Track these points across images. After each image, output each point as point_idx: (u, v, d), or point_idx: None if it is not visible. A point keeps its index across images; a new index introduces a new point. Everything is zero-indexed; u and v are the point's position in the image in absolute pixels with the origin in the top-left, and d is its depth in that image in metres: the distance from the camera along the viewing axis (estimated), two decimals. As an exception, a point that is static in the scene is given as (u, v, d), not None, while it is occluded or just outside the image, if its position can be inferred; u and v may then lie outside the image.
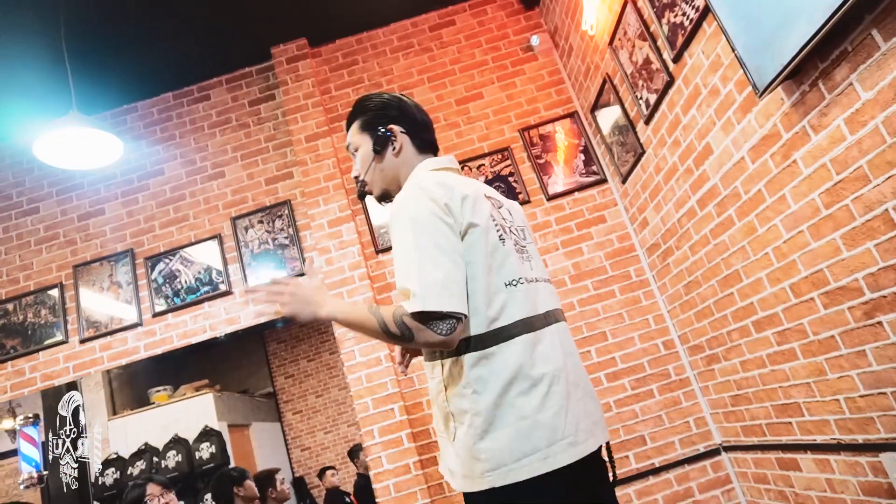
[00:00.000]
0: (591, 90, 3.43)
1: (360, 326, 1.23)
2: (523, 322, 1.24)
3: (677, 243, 2.93)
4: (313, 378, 7.91)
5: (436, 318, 1.15)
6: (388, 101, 1.48)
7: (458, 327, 1.16)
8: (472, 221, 1.25)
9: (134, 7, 3.17)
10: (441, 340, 1.16)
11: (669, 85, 2.58)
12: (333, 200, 3.46)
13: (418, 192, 1.26)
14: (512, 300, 1.24)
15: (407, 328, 1.16)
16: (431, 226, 1.20)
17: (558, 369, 1.24)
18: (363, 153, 1.46)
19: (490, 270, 1.24)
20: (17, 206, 3.75)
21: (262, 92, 3.85)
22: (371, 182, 1.48)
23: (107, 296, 3.52)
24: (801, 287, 2.11)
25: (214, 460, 4.69)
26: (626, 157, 3.21)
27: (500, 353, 1.21)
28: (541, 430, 1.18)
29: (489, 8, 3.92)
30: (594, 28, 3.13)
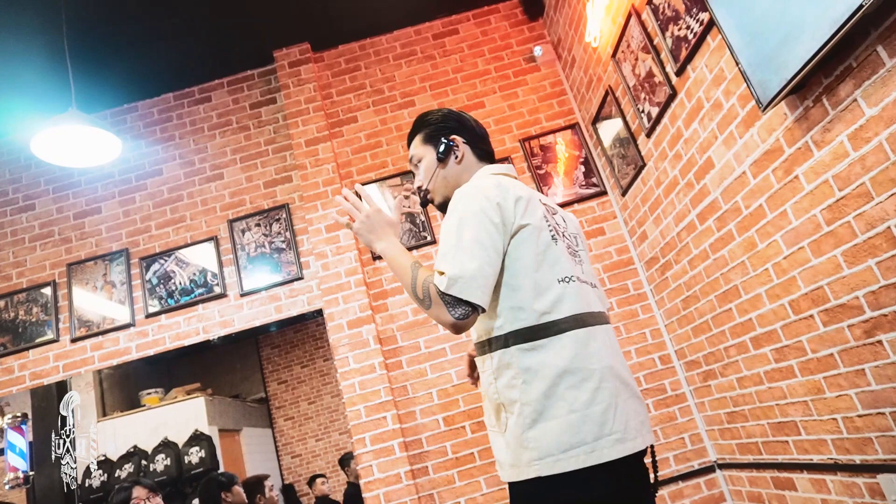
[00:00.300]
0: (592, 102, 3.43)
1: (398, 272, 1.34)
2: (575, 318, 1.29)
3: (676, 257, 2.92)
4: (306, 384, 7.86)
5: (457, 301, 1.22)
6: (448, 114, 1.59)
7: (472, 317, 1.23)
8: (524, 222, 1.31)
9: (136, 6, 3.16)
10: (451, 322, 1.22)
11: (672, 98, 2.58)
12: (332, 205, 3.44)
13: (475, 190, 1.34)
14: (564, 296, 1.30)
15: (428, 297, 1.24)
16: (477, 221, 1.28)
17: (608, 366, 1.28)
18: (427, 163, 1.55)
19: (541, 267, 1.30)
20: (13, 202, 3.73)
21: (264, 95, 3.84)
22: (434, 190, 1.55)
23: (100, 295, 3.48)
24: (801, 304, 2.09)
25: (204, 465, 4.64)
26: (627, 169, 3.21)
27: (551, 346, 1.25)
28: (589, 424, 1.21)
29: (493, 18, 3.92)
30: (597, 40, 3.13)
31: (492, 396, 1.32)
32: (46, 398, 3.80)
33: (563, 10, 3.53)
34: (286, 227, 3.53)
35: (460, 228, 1.28)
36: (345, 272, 3.32)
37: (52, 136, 2.60)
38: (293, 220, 3.55)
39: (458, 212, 1.31)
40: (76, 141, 2.68)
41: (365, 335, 3.22)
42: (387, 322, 3.35)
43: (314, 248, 3.39)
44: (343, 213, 1.45)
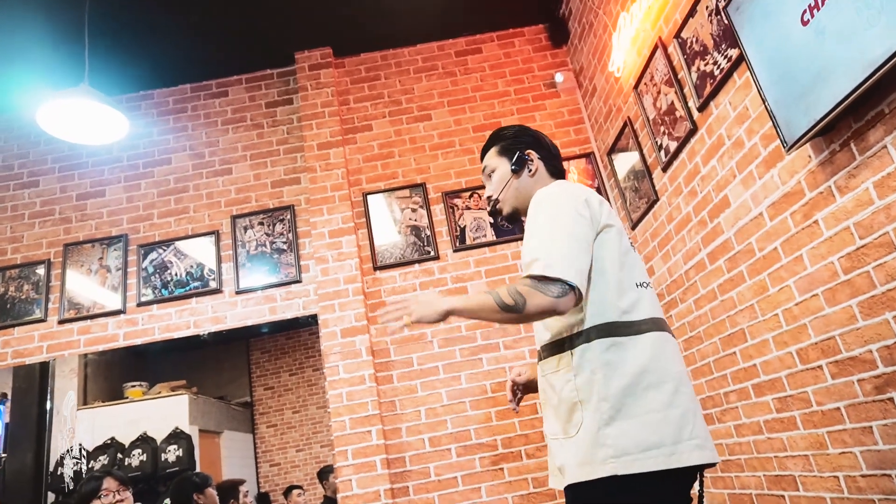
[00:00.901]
0: (610, 132, 3.40)
1: (479, 309, 1.30)
2: (653, 321, 1.32)
3: (682, 296, 2.86)
4: (293, 393, 7.74)
5: (549, 281, 1.22)
6: (524, 129, 1.64)
7: (570, 295, 1.23)
8: (609, 222, 1.36)
9: None
10: (551, 302, 1.21)
11: (692, 133, 2.54)
12: (338, 211, 3.40)
13: (559, 188, 1.39)
14: (643, 299, 1.33)
15: (520, 295, 1.23)
16: (569, 216, 1.31)
17: (682, 373, 1.29)
18: (500, 173, 1.57)
19: (622, 268, 1.33)
20: (18, 177, 3.69)
21: (281, 95, 3.82)
22: (504, 200, 1.57)
23: (94, 279, 3.42)
24: (810, 353, 2.02)
25: (180, 464, 4.53)
26: (639, 203, 3.16)
27: (633, 344, 1.26)
28: (669, 427, 1.21)
29: (517, 41, 3.92)
30: (620, 70, 3.11)
31: (567, 395, 1.30)
32: (28, 379, 3.72)
33: (588, 40, 3.52)
34: (289, 228, 3.48)
35: (553, 222, 1.31)
36: (344, 279, 3.26)
37: (60, 109, 2.56)
38: (297, 222, 3.51)
39: (545, 208, 1.35)
40: (84, 116, 2.64)
41: (358, 345, 3.15)
42: (381, 334, 3.28)
43: (315, 252, 3.33)
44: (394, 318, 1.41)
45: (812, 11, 1.64)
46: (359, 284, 3.26)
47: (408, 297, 1.43)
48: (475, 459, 3.04)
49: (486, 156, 1.64)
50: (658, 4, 2.67)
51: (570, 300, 1.24)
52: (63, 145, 3.70)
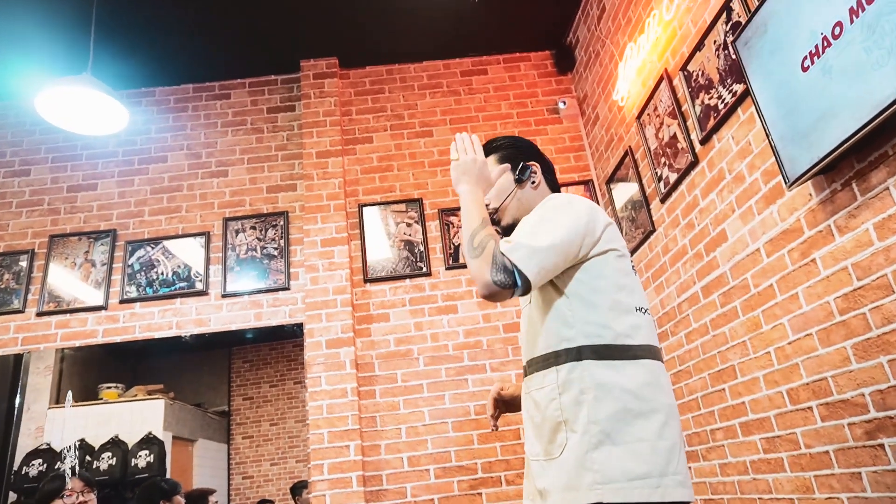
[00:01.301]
0: (610, 161, 3.40)
1: (466, 217, 1.33)
2: (650, 348, 1.28)
3: (673, 329, 2.83)
4: (272, 404, 7.60)
5: (503, 268, 1.21)
6: (524, 141, 1.59)
7: (507, 291, 1.21)
8: (613, 246, 1.32)
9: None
10: (487, 282, 1.21)
11: (693, 166, 2.54)
12: (332, 220, 3.36)
13: (566, 201, 1.35)
14: (642, 325, 1.29)
15: (482, 248, 1.24)
16: (565, 219, 1.28)
17: (674, 405, 1.26)
18: (503, 182, 1.51)
19: (621, 290, 1.30)
20: (9, 165, 3.63)
21: (283, 101, 3.81)
22: (504, 210, 1.51)
23: (77, 273, 3.36)
24: (800, 394, 1.99)
25: (150, 470, 4.41)
26: (635, 233, 3.15)
27: (626, 369, 1.22)
28: (657, 458, 1.16)
29: (523, 65, 3.94)
30: (624, 100, 3.12)
31: (551, 414, 1.24)
32: (2, 369, 3.62)
33: (594, 69, 3.54)
34: (282, 234, 3.43)
35: (545, 218, 1.29)
36: (333, 289, 3.22)
37: (61, 97, 2.53)
38: (290, 228, 3.47)
39: (546, 209, 1.32)
40: (84, 106, 2.61)
41: (342, 357, 3.09)
42: (367, 348, 3.23)
43: (306, 260, 3.29)
44: (458, 148, 1.48)
45: (820, 50, 1.65)
46: (348, 296, 3.21)
47: (477, 156, 1.43)
48: (454, 482, 2.97)
49: None
50: (666, 37, 2.69)
51: (504, 295, 1.23)
52: (58, 136, 3.66)
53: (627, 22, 3.06)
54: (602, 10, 3.34)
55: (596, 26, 3.43)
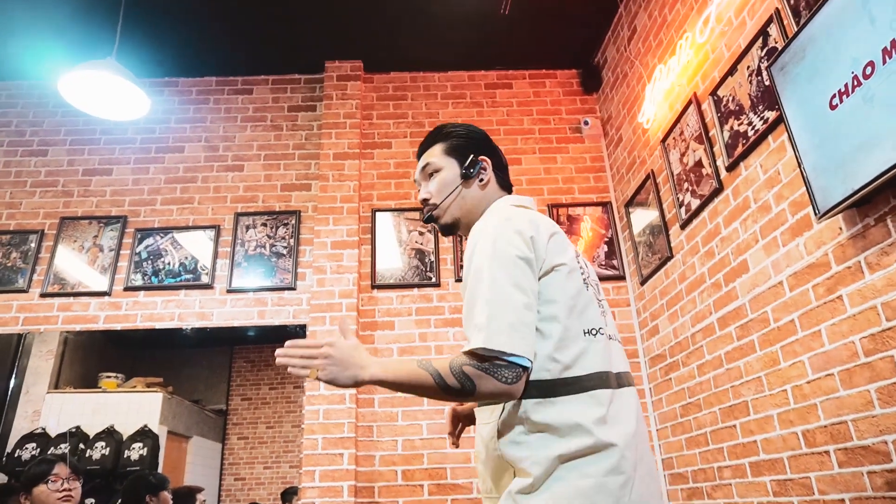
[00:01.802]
0: (630, 184, 3.34)
1: (410, 385, 1.10)
2: (599, 376, 1.12)
3: (685, 359, 2.74)
4: (270, 407, 7.52)
5: (500, 364, 1.05)
6: (478, 132, 1.42)
7: (524, 377, 1.06)
8: (559, 261, 1.16)
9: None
10: (505, 390, 1.05)
11: (717, 193, 2.47)
12: (343, 223, 3.32)
13: (503, 222, 1.17)
14: (590, 350, 1.13)
15: (467, 378, 1.05)
16: (512, 262, 1.11)
17: (629, 435, 1.10)
18: (445, 176, 1.35)
19: (571, 313, 1.14)
20: (27, 144, 3.63)
21: (305, 101, 3.79)
22: (445, 208, 1.35)
23: (84, 256, 3.33)
24: (817, 436, 1.90)
25: (142, 464, 4.35)
26: (652, 258, 3.07)
27: (570, 405, 1.08)
28: (604, 495, 1.03)
29: (548, 82, 3.90)
30: (650, 122, 3.06)
31: (491, 454, 1.13)
32: (1, 353, 3.58)
33: (620, 89, 3.49)
34: (292, 233, 3.39)
35: (492, 272, 1.11)
36: (339, 293, 3.16)
37: (84, 79, 2.51)
38: (301, 228, 3.42)
39: (486, 251, 1.14)
40: (106, 90, 2.59)
41: (343, 363, 3.02)
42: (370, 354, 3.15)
43: (314, 262, 3.24)
44: (301, 365, 1.13)
45: (862, 77, 1.58)
46: (354, 300, 3.15)
47: (324, 345, 1.13)
48: (448, 501, 2.88)
49: (429, 152, 1.40)
50: (697, 60, 2.63)
51: (526, 379, 1.07)
52: (79, 119, 3.66)
53: (658, 44, 3.02)
54: (633, 31, 3.30)
55: (626, 47, 3.39)
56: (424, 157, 1.40)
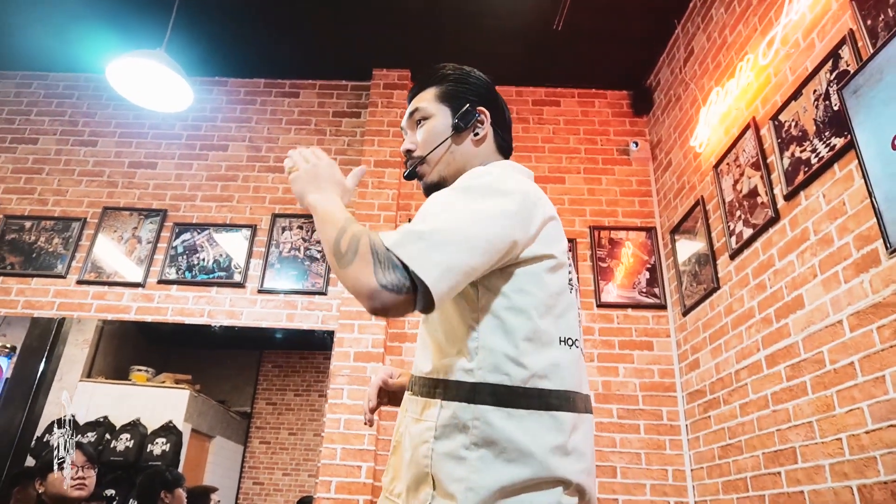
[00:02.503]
0: (677, 210, 3.21)
1: (324, 225, 0.95)
2: (567, 395, 0.95)
3: (727, 397, 2.58)
4: (294, 413, 7.50)
5: (391, 265, 0.85)
6: (480, 79, 1.21)
7: (402, 298, 0.84)
8: (548, 251, 0.98)
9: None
10: (370, 288, 0.83)
11: (772, 222, 2.33)
12: (379, 230, 3.26)
13: (499, 171, 1.01)
14: (563, 362, 0.96)
15: (353, 251, 0.86)
16: (490, 216, 0.92)
17: (585, 473, 0.94)
18: (435, 126, 1.15)
19: (548, 314, 0.96)
20: (79, 134, 3.71)
21: (350, 107, 3.78)
22: (432, 162, 1.14)
23: (122, 247, 3.35)
24: (875, 493, 1.73)
25: (164, 459, 4.35)
26: (696, 288, 2.93)
27: (528, 422, 0.90)
28: None
29: (598, 101, 3.81)
30: (703, 146, 2.94)
31: (420, 460, 0.93)
32: (41, 338, 3.62)
33: (672, 112, 3.38)
34: (327, 238, 3.35)
35: (457, 197, 0.93)
36: (369, 301, 3.10)
37: (131, 67, 2.53)
38: (336, 233, 3.38)
39: (463, 184, 0.97)
40: (152, 80, 2.62)
41: (369, 373, 2.96)
42: (396, 367, 3.07)
43: (347, 268, 3.19)
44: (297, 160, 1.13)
45: (948, 102, 1.45)
46: (383, 310, 3.08)
47: (317, 157, 1.10)
48: (465, 525, 2.76)
49: (420, 96, 1.19)
50: (758, 84, 2.51)
51: (400, 304, 0.85)
52: (129, 112, 3.72)
53: (716, 66, 2.90)
54: (689, 52, 3.19)
55: (681, 69, 3.28)
56: (414, 101, 1.20)
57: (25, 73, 3.91)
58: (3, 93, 3.86)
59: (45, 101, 3.82)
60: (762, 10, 2.54)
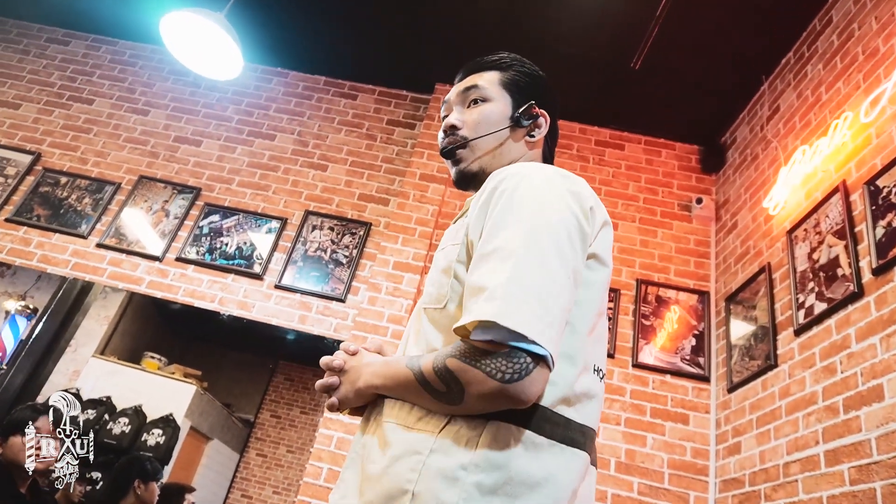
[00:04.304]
0: (738, 276, 2.91)
1: (395, 385, 0.82)
2: (590, 434, 0.81)
3: (770, 492, 2.23)
4: (296, 431, 7.25)
5: (501, 353, 0.71)
6: (545, 79, 1.11)
7: (535, 374, 0.70)
8: (604, 258, 0.86)
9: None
10: (497, 389, 0.70)
11: (854, 298, 2.03)
12: (412, 245, 3.07)
13: (557, 181, 0.85)
14: (593, 393, 0.83)
15: (450, 373, 0.73)
16: (564, 236, 0.78)
17: None
18: (492, 111, 1.02)
19: (591, 333, 0.83)
20: (134, 101, 3.68)
21: (406, 117, 3.65)
22: (477, 149, 1.01)
23: (149, 217, 3.25)
24: None
25: (158, 451, 4.17)
26: (748, 363, 2.61)
27: (549, 457, 0.74)
28: None
29: (665, 152, 3.57)
30: (777, 209, 2.66)
31: (400, 472, 0.74)
32: (64, 300, 3.51)
33: (746, 172, 3.11)
34: (357, 244, 3.18)
35: (533, 232, 0.77)
36: (388, 316, 2.88)
37: (187, 23, 2.44)
38: (368, 241, 3.21)
39: (527, 205, 0.80)
40: (205, 42, 2.51)
41: (372, 392, 2.71)
42: (402, 392, 2.83)
43: (371, 277, 2.99)
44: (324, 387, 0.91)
45: None
46: (401, 328, 2.86)
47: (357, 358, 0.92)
48: (447, 582, 2.44)
49: (480, 74, 1.07)
50: (854, 145, 2.25)
51: (539, 380, 0.71)
52: (185, 89, 3.69)
53: (805, 125, 2.65)
54: (775, 110, 2.95)
55: (762, 126, 3.03)
56: (472, 77, 1.07)
57: (97, 37, 3.95)
58: (73, 52, 3.89)
59: (109, 66, 3.83)
60: (869, 66, 2.29)
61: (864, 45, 2.37)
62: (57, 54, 3.87)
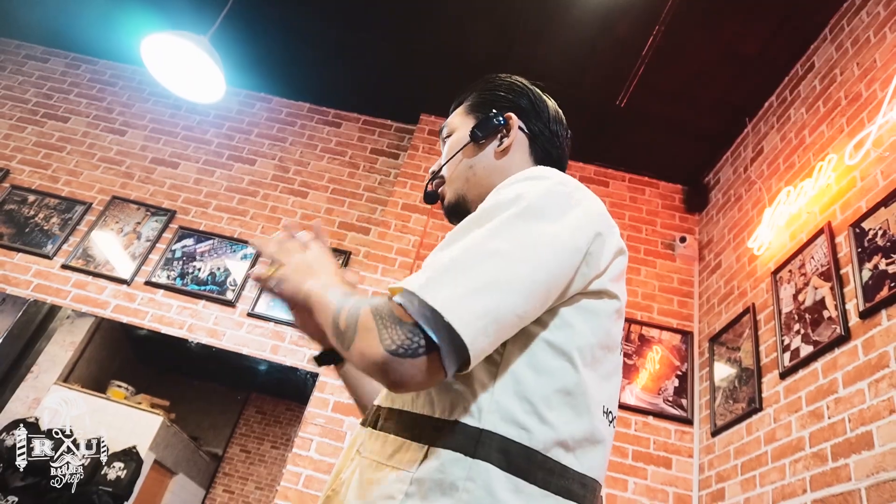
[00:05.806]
0: (721, 316, 2.87)
1: (321, 314, 0.73)
2: (592, 486, 0.72)
3: (756, 543, 2.15)
4: (265, 467, 6.99)
5: (407, 324, 0.63)
6: (517, 85, 1.00)
7: (419, 361, 0.62)
8: (616, 292, 0.76)
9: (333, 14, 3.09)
10: (381, 357, 0.62)
11: (841, 342, 1.99)
12: (392, 275, 3.00)
13: (568, 187, 0.77)
14: (598, 438, 0.73)
15: (357, 318, 0.66)
16: (560, 244, 0.70)
17: None
18: (456, 138, 0.98)
19: (593, 367, 0.74)
20: (111, 121, 3.60)
21: (390, 147, 3.61)
22: (450, 178, 0.96)
23: (120, 239, 3.14)
24: None
25: (118, 486, 3.96)
26: (732, 406, 2.55)
27: None
28: None
29: (648, 190, 3.57)
30: (761, 250, 2.64)
31: None
32: (27, 325, 3.36)
33: (729, 213, 3.11)
34: (335, 273, 3.09)
35: (512, 234, 0.69)
36: (364, 348, 2.78)
37: (170, 46, 2.38)
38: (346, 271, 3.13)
39: (509, 192, 0.74)
40: (187, 65, 2.46)
41: (345, 429, 2.60)
42: (376, 428, 2.71)
43: (348, 308, 2.90)
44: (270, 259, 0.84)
45: None
46: (377, 361, 2.76)
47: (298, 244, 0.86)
48: None
49: (453, 114, 1.03)
50: (838, 187, 2.24)
51: (418, 370, 0.63)
52: (165, 110, 3.62)
53: (789, 167, 2.65)
54: (759, 152, 2.96)
55: (746, 168, 3.04)
56: (448, 119, 1.03)
57: (77, 56, 3.88)
58: (51, 69, 3.82)
59: (87, 85, 3.75)
60: (852, 111, 2.31)
61: (847, 89, 2.39)
62: (34, 71, 3.79)
